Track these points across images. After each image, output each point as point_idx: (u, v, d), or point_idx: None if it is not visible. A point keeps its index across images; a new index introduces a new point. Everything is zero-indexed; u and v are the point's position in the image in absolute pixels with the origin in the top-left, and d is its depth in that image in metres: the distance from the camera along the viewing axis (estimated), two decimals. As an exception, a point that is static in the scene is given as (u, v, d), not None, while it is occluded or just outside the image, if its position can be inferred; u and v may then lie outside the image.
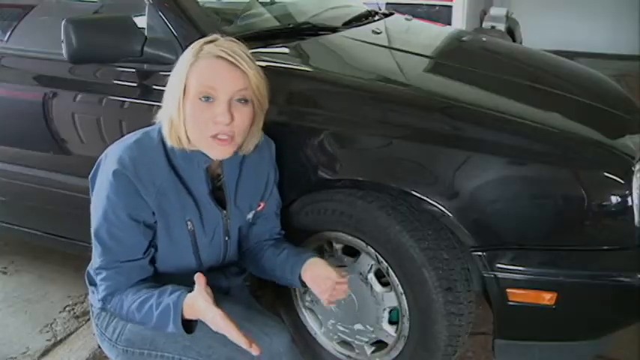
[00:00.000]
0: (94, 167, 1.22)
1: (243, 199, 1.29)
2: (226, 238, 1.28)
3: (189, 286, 1.25)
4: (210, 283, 1.26)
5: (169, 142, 1.17)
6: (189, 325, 1.13)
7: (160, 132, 1.20)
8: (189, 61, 1.13)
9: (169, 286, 1.17)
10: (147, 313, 1.15)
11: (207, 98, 1.12)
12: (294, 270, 1.27)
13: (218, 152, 1.16)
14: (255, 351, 1.04)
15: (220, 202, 1.25)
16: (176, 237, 1.21)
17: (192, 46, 1.16)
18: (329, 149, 1.38)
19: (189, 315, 1.13)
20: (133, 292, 1.18)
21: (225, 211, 1.25)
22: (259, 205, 1.33)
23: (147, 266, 1.22)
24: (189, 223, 1.21)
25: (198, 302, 1.08)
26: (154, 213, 1.17)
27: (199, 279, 1.09)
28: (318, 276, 1.23)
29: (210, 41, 1.15)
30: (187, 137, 1.16)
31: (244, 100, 1.14)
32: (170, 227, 1.20)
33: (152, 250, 1.21)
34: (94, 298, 1.29)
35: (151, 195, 1.15)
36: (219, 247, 1.29)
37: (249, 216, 1.32)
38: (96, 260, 1.20)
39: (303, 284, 1.26)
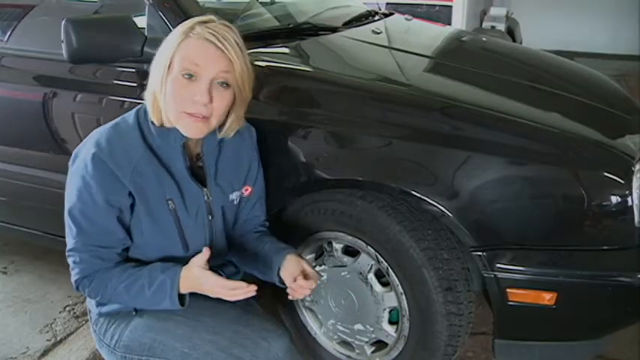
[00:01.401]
0: (73, 154, 1.21)
1: (224, 178, 1.28)
2: (209, 217, 1.28)
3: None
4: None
5: (152, 117, 1.18)
6: (182, 300, 1.17)
7: (136, 115, 1.21)
8: (178, 39, 1.13)
9: (158, 263, 1.20)
10: (138, 291, 1.17)
11: (190, 76, 1.12)
12: (273, 266, 1.27)
13: (191, 130, 1.16)
14: (251, 292, 1.13)
15: (202, 181, 1.25)
16: (159, 218, 1.21)
17: (183, 24, 1.16)
18: (329, 149, 1.38)
19: (184, 288, 1.17)
20: (118, 272, 1.18)
21: (205, 189, 1.25)
22: (246, 190, 1.33)
23: (122, 253, 1.22)
24: (170, 202, 1.20)
25: (193, 270, 1.14)
26: (131, 194, 1.17)
27: (205, 251, 1.15)
28: (291, 274, 1.23)
29: (203, 22, 1.15)
30: (166, 114, 1.16)
31: (225, 84, 1.15)
32: (151, 209, 1.19)
33: (128, 239, 1.21)
34: (92, 303, 1.29)
35: (127, 176, 1.15)
36: (204, 228, 1.28)
37: (233, 196, 1.31)
38: (69, 242, 1.19)
39: (282, 282, 1.26)
